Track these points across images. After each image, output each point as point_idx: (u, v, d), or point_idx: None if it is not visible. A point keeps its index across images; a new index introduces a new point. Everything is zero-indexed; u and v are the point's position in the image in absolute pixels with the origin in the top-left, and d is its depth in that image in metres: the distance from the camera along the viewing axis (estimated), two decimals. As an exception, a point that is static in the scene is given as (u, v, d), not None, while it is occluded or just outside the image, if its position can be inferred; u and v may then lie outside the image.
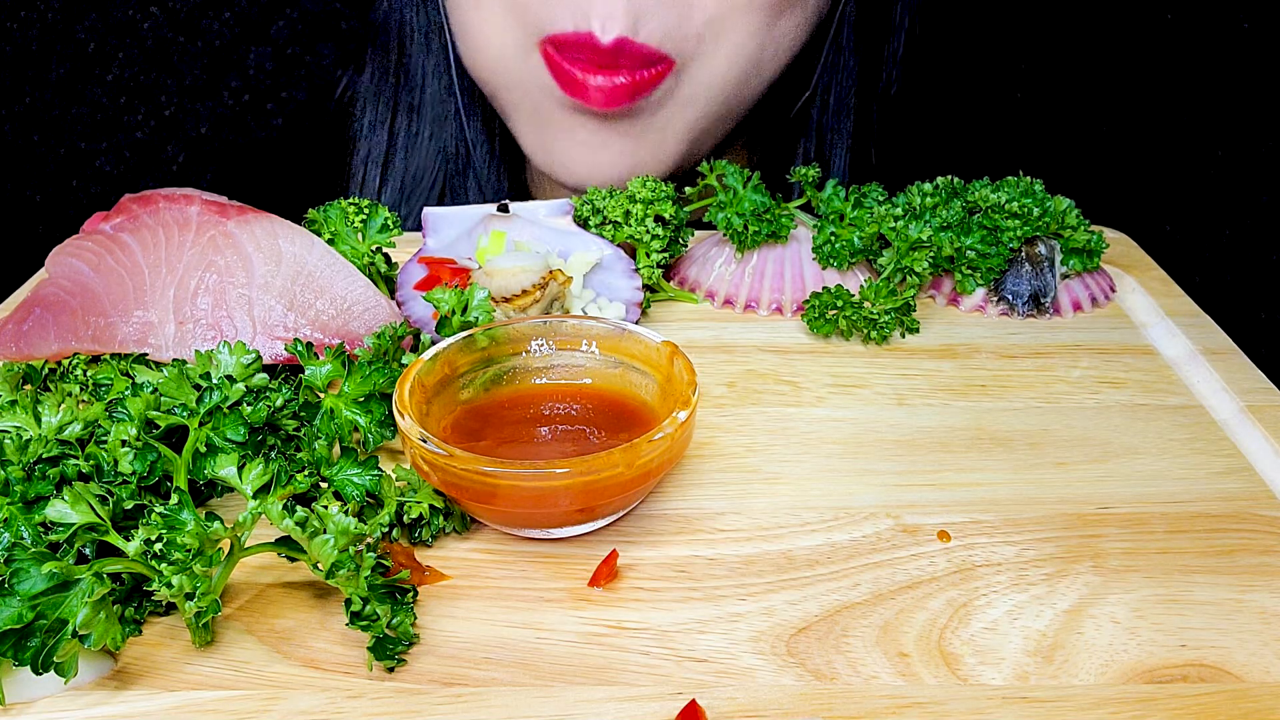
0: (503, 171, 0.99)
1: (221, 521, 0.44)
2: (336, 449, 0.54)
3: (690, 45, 0.79)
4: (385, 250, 0.73)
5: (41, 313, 0.60)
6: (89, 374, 0.58)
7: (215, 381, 0.51)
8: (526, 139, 0.87)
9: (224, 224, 0.62)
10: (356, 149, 0.99)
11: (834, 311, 0.68)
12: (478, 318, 0.60)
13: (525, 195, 1.00)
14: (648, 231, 0.72)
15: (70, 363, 0.59)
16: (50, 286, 0.61)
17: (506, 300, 0.64)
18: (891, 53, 0.94)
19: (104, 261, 0.61)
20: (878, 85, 0.95)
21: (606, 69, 0.77)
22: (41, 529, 0.44)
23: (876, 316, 0.68)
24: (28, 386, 0.60)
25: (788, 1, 0.80)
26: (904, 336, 0.70)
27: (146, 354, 0.59)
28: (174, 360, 0.54)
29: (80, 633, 0.40)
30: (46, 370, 0.60)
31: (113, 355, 0.59)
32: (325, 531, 0.44)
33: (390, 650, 0.44)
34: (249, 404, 0.51)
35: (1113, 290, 0.75)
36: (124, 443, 0.48)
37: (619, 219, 0.72)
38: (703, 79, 0.81)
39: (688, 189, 0.78)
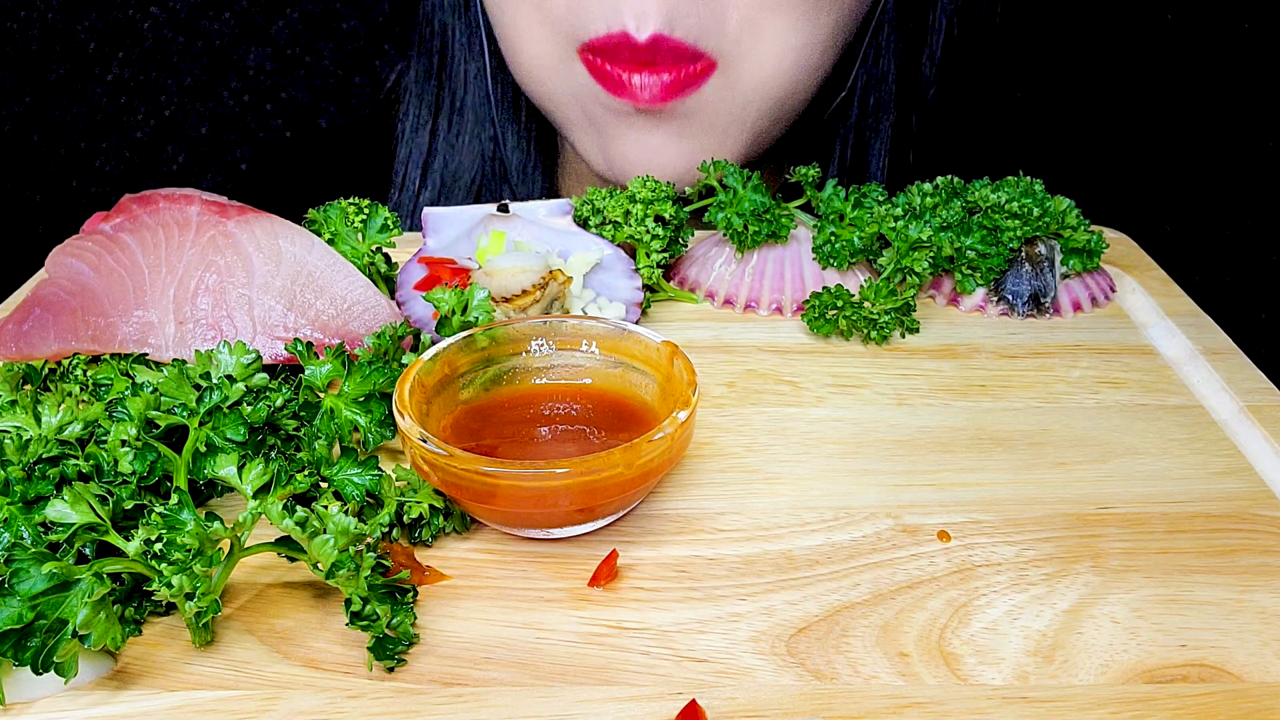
0: (538, 176, 1.00)
1: (221, 521, 0.44)
2: (336, 449, 0.54)
3: (730, 46, 0.79)
4: (385, 250, 0.73)
5: (41, 313, 0.60)
6: (89, 374, 0.58)
7: (215, 381, 0.51)
8: (583, 147, 0.87)
9: (224, 224, 0.62)
10: (399, 150, 1.00)
11: (834, 311, 0.68)
12: (478, 318, 0.60)
13: (561, 195, 1.01)
14: (648, 231, 0.72)
15: (70, 363, 0.59)
16: (50, 286, 0.61)
17: (506, 300, 0.64)
18: (930, 55, 0.94)
19: (104, 261, 0.61)
20: (916, 87, 0.95)
21: (646, 67, 0.77)
22: (41, 529, 0.44)
23: (876, 316, 0.68)
24: (28, 386, 0.60)
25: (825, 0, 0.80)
26: (904, 336, 0.70)
27: (146, 354, 0.59)
28: (174, 360, 0.54)
29: (80, 633, 0.40)
30: (46, 370, 0.60)
31: (113, 355, 0.59)
32: (325, 531, 0.44)
33: (390, 650, 0.44)
34: (249, 404, 0.51)
35: (1113, 290, 0.75)
36: (124, 443, 0.48)
37: (619, 219, 0.72)
38: (753, 79, 0.81)
39: (688, 189, 0.78)
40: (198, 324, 0.60)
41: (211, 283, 0.61)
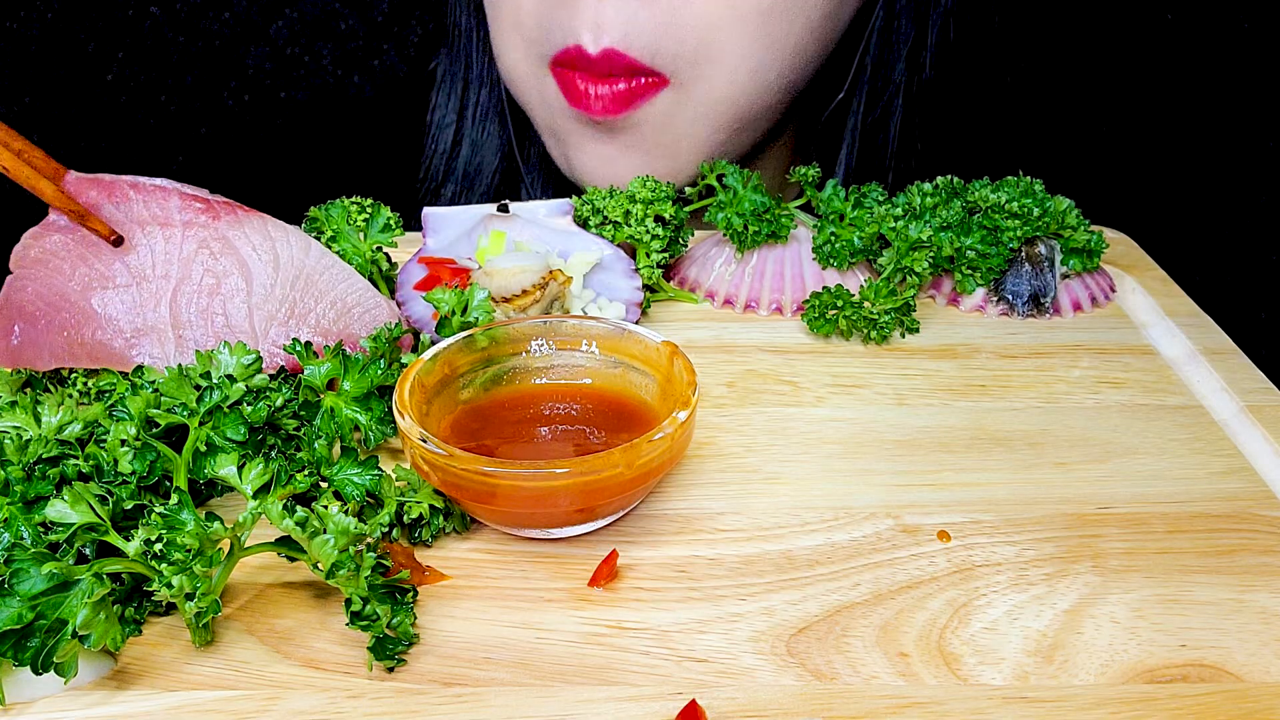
0: (550, 172, 1.03)
1: (221, 521, 0.44)
2: (337, 449, 0.54)
3: (686, 66, 0.81)
4: (385, 250, 0.73)
5: (25, 327, 0.57)
6: (90, 383, 0.58)
7: (215, 381, 0.51)
8: (552, 151, 0.93)
9: (214, 225, 0.60)
10: (427, 142, 1.05)
11: (834, 311, 0.68)
12: (478, 318, 0.60)
13: (575, 194, 1.03)
14: (648, 231, 0.72)
15: (69, 372, 0.59)
16: (25, 293, 0.58)
17: (506, 300, 0.64)
18: (928, 53, 0.95)
19: (79, 271, 0.58)
20: (914, 89, 0.96)
21: (603, 79, 0.81)
22: (41, 529, 0.44)
23: (876, 316, 0.68)
24: (29, 390, 0.59)
25: (783, 19, 0.81)
26: (904, 336, 0.70)
27: (149, 364, 0.58)
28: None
29: (80, 633, 0.40)
30: (46, 378, 0.60)
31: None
32: (325, 531, 0.44)
33: (390, 650, 0.44)
34: (249, 403, 0.51)
35: (1113, 290, 0.75)
36: (123, 442, 0.48)
37: (619, 219, 0.72)
38: (707, 99, 0.83)
39: (688, 189, 0.78)
40: (196, 337, 0.59)
41: (209, 292, 0.59)
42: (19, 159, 0.56)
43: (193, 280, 0.60)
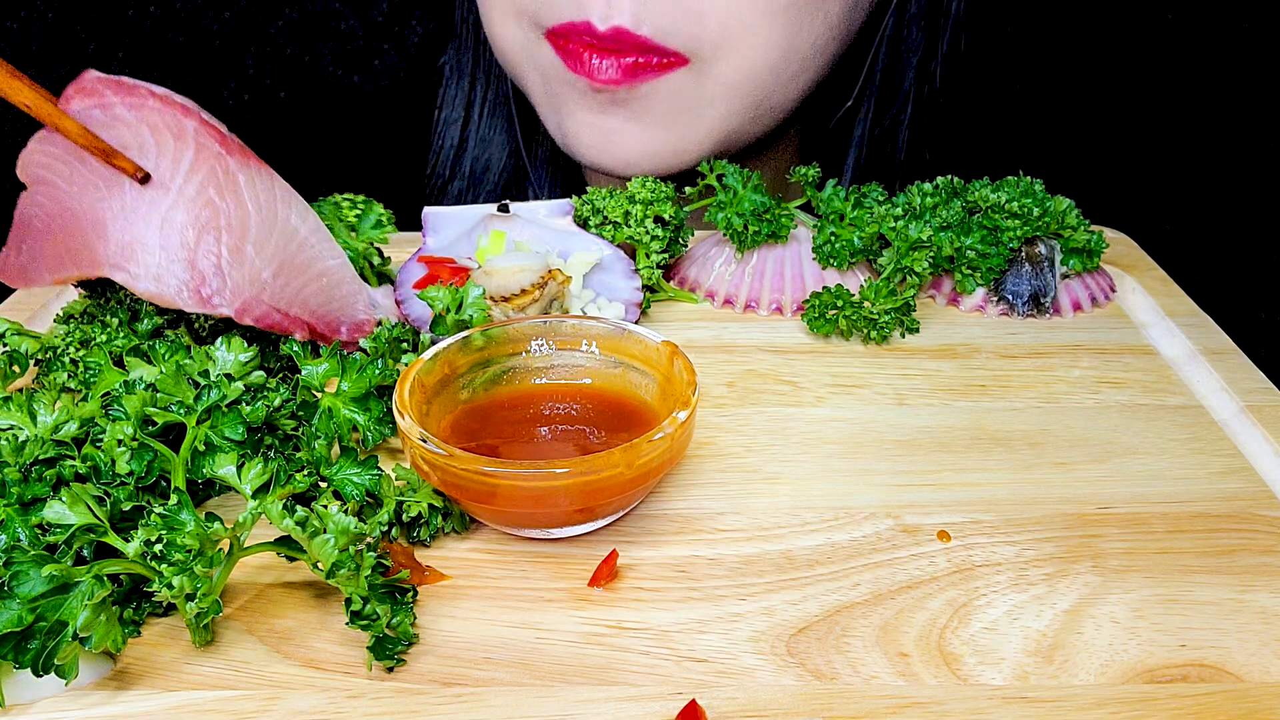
0: (559, 170, 1.03)
1: (221, 521, 0.44)
2: (336, 449, 0.54)
3: (707, 48, 0.80)
4: (385, 250, 0.73)
5: (32, 243, 0.56)
6: (80, 355, 0.57)
7: (214, 379, 0.51)
8: (547, 121, 0.90)
9: (226, 159, 0.56)
10: (433, 139, 1.04)
11: (834, 311, 0.68)
12: (472, 315, 0.60)
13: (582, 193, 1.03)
14: (647, 232, 0.72)
15: (64, 343, 0.59)
16: (31, 206, 0.57)
17: (506, 300, 0.64)
18: (937, 65, 0.95)
19: (76, 173, 0.55)
20: (924, 98, 0.96)
21: (610, 53, 0.79)
22: (39, 531, 0.44)
23: (876, 316, 0.68)
24: (15, 368, 0.58)
25: (805, 12, 0.81)
26: (904, 336, 0.70)
27: (124, 279, 0.55)
28: (168, 348, 0.53)
29: (81, 635, 0.40)
30: (34, 355, 0.59)
31: (105, 336, 0.58)
32: (325, 531, 0.44)
33: (390, 650, 0.44)
34: (247, 403, 0.51)
35: (1113, 290, 0.75)
36: (120, 442, 0.48)
37: (619, 219, 0.72)
38: (725, 81, 0.82)
39: (688, 189, 0.78)
40: (178, 273, 0.56)
41: (204, 226, 0.56)
42: (38, 94, 0.55)
43: (189, 202, 0.56)
